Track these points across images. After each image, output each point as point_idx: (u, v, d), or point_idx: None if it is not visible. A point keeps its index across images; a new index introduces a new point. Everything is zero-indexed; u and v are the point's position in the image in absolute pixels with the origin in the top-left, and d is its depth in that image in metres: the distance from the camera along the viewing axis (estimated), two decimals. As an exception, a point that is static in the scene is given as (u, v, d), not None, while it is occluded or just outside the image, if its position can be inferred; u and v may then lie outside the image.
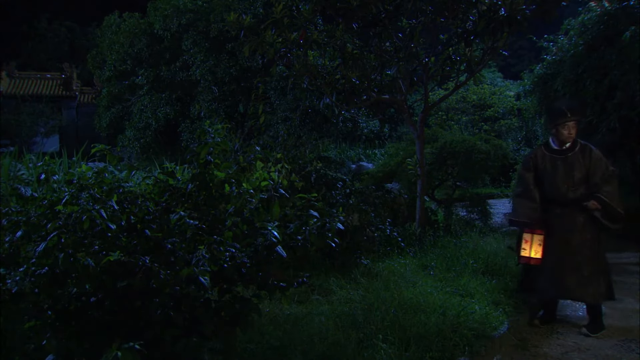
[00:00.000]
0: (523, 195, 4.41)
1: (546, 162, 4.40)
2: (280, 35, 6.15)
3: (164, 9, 16.97)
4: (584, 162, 4.28)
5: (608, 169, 4.26)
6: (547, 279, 4.34)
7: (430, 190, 9.07)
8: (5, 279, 2.47)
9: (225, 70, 15.99)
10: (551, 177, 4.36)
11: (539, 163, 4.43)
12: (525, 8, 5.83)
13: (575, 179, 4.27)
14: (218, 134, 3.14)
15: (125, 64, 18.20)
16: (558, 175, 4.32)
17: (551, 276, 4.32)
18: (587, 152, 4.30)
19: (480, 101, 17.52)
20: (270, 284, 2.92)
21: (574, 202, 4.28)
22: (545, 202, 4.38)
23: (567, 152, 4.35)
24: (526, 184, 4.41)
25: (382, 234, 6.33)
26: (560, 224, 4.32)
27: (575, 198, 4.27)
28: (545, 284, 4.36)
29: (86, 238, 2.56)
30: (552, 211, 4.37)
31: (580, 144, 4.37)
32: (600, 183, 4.22)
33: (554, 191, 4.34)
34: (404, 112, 7.49)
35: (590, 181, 4.25)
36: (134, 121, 17.90)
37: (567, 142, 4.35)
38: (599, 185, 4.21)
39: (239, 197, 3.01)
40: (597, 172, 4.23)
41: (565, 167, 4.31)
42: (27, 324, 2.51)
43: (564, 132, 4.32)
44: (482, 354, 3.69)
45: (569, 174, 4.29)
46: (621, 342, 4.15)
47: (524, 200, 4.39)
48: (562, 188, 4.30)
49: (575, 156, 4.31)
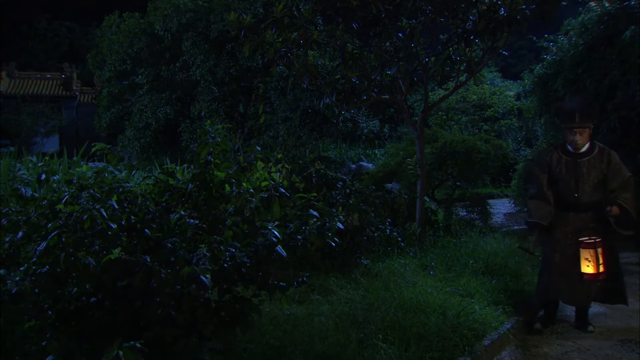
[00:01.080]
0: (537, 197, 4.30)
1: (562, 165, 4.25)
2: (281, 35, 6.15)
3: (164, 8, 16.96)
4: (601, 167, 4.13)
5: (626, 174, 4.13)
6: (552, 280, 4.28)
7: (430, 190, 9.07)
8: (5, 279, 2.47)
9: (225, 70, 15.98)
10: (566, 181, 4.21)
11: (553, 165, 4.28)
12: (525, 8, 5.82)
13: (591, 184, 4.13)
14: (218, 134, 3.14)
15: (125, 64, 18.20)
16: (573, 179, 4.17)
17: (556, 277, 4.25)
18: (605, 157, 4.15)
19: (480, 101, 17.51)
20: (270, 284, 2.92)
21: (587, 207, 4.17)
22: (558, 204, 4.27)
23: (583, 155, 4.19)
24: (540, 186, 4.29)
25: (382, 234, 6.32)
26: (571, 227, 4.21)
27: (589, 203, 4.16)
28: (549, 285, 4.31)
29: (86, 238, 2.56)
30: (563, 214, 4.26)
31: (599, 148, 4.21)
32: (618, 189, 4.09)
33: (568, 195, 4.21)
34: (404, 112, 7.49)
35: (608, 187, 4.12)
36: (134, 121, 17.90)
37: (582, 147, 4.22)
38: (617, 191, 4.09)
39: (239, 197, 3.01)
40: (616, 178, 4.10)
41: (582, 171, 4.15)
42: (27, 324, 2.51)
43: (573, 137, 4.20)
44: (482, 354, 3.69)
45: (585, 178, 4.14)
46: (621, 342, 4.15)
47: (540, 201, 4.28)
48: (576, 192, 4.16)
49: (593, 160, 4.16)
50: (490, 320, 4.10)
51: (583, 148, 4.20)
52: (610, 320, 4.64)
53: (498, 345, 3.98)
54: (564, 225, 4.24)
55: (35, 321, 2.50)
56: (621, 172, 4.12)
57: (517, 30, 6.08)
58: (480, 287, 4.82)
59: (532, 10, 5.91)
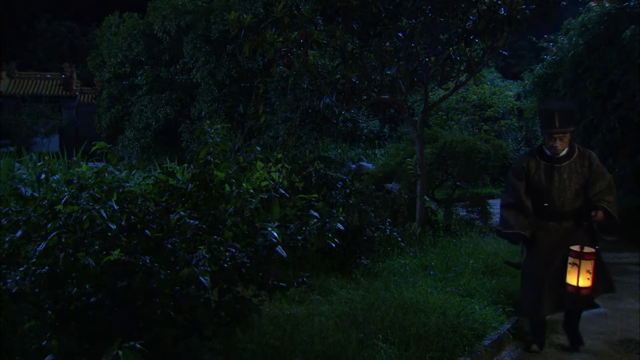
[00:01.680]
0: (514, 206, 3.93)
1: (540, 171, 3.91)
2: (281, 34, 6.16)
3: (162, 8, 16.94)
4: (582, 171, 3.83)
5: (607, 176, 3.87)
6: (538, 297, 3.87)
7: (430, 190, 9.07)
8: (5, 279, 2.47)
9: (226, 73, 15.96)
10: (545, 188, 3.88)
11: (531, 172, 3.93)
12: (525, 8, 5.83)
13: (573, 190, 3.83)
14: (218, 133, 3.14)
15: (124, 66, 18.20)
16: (554, 186, 3.85)
17: (542, 293, 3.85)
18: (586, 160, 3.86)
19: (480, 101, 17.49)
20: (270, 284, 2.92)
21: (569, 215, 3.87)
22: (537, 213, 3.94)
23: (563, 160, 3.86)
24: (517, 194, 3.93)
25: (382, 234, 6.33)
26: (554, 238, 3.88)
27: (571, 210, 3.86)
28: (536, 303, 3.89)
29: (86, 238, 2.56)
30: (543, 224, 3.92)
31: (579, 150, 3.90)
32: (600, 192, 3.81)
33: (549, 203, 3.88)
34: (404, 112, 7.49)
35: (590, 191, 3.82)
36: (134, 121, 17.89)
37: (561, 152, 3.87)
38: (600, 194, 3.80)
39: (239, 197, 3.01)
40: (598, 181, 3.82)
41: (562, 177, 3.84)
42: (27, 324, 2.50)
43: (552, 143, 3.83)
44: (482, 354, 3.69)
45: (566, 185, 3.83)
46: (621, 342, 4.15)
47: (515, 211, 3.92)
48: (557, 200, 3.85)
49: (574, 165, 3.85)
50: (490, 320, 4.10)
51: (562, 152, 3.87)
52: (610, 320, 4.64)
53: (498, 345, 3.98)
54: (545, 236, 3.90)
55: (35, 321, 2.50)
56: (603, 175, 3.85)
57: (517, 30, 6.08)
58: (480, 287, 4.82)
59: (532, 10, 5.92)
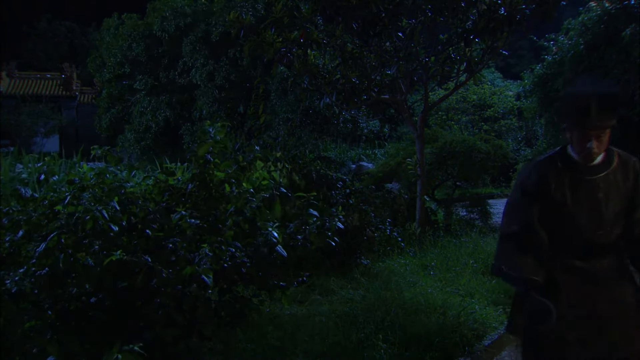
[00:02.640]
0: (522, 237, 2.48)
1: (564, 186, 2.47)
2: (280, 34, 6.16)
3: (162, 10, 16.91)
4: (624, 185, 2.47)
5: None
6: None
7: (430, 190, 9.07)
8: (5, 279, 2.47)
9: (225, 77, 15.91)
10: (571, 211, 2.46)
11: (550, 187, 2.48)
12: (525, 8, 5.83)
13: (611, 213, 2.44)
14: (218, 132, 3.14)
15: (124, 67, 18.19)
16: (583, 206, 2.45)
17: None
18: (631, 171, 2.50)
19: (480, 101, 17.53)
20: (270, 283, 2.92)
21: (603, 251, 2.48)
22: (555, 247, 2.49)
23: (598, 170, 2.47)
24: (526, 220, 2.48)
25: (382, 234, 6.33)
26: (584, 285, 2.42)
27: (608, 244, 2.47)
28: None
29: (86, 238, 2.56)
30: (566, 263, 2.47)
31: (619, 157, 2.52)
32: None
33: (574, 232, 2.48)
34: (404, 112, 7.49)
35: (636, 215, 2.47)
36: (134, 124, 17.87)
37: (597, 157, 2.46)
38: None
39: (239, 197, 3.01)
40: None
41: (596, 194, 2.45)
42: (27, 324, 2.50)
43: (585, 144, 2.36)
44: (482, 354, 3.69)
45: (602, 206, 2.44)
46: (621, 342, 4.14)
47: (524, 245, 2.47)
48: (589, 228, 2.45)
49: (612, 177, 2.47)
50: (490, 320, 4.10)
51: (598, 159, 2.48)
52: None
53: (498, 346, 3.98)
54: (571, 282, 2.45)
55: (35, 321, 2.50)
56: None
57: (517, 30, 6.09)
58: (480, 287, 4.82)
59: (532, 10, 5.92)
